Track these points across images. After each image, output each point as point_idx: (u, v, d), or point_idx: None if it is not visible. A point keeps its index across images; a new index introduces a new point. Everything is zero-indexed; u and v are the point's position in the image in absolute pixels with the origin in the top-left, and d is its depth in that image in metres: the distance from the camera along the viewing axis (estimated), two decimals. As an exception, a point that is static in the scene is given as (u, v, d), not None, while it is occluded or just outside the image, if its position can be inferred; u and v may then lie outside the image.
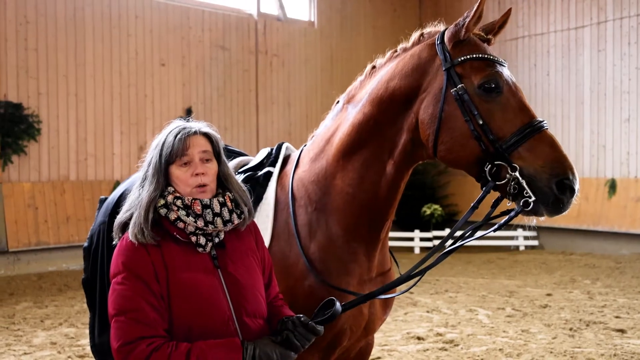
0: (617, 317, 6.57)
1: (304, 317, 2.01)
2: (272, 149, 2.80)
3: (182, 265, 1.95)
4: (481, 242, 11.89)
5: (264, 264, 2.16)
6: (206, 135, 2.06)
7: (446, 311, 7.00)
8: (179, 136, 2.00)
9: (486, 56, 2.21)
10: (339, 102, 2.60)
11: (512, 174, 2.08)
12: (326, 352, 2.44)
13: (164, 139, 2.02)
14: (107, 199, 2.79)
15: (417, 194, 12.91)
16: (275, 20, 12.71)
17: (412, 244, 12.18)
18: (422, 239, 12.27)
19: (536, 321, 6.48)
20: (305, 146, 2.68)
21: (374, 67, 2.51)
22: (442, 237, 2.45)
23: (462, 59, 2.20)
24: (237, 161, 2.83)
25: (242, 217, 2.07)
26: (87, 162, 10.33)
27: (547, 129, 2.14)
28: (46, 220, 9.70)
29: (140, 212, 1.96)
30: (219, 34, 11.85)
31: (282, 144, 2.80)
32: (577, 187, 2.07)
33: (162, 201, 1.98)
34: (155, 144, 2.05)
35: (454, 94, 2.18)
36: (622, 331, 5.99)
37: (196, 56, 11.56)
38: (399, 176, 2.38)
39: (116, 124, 10.65)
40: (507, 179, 2.10)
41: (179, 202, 1.97)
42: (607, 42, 11.74)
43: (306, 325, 1.97)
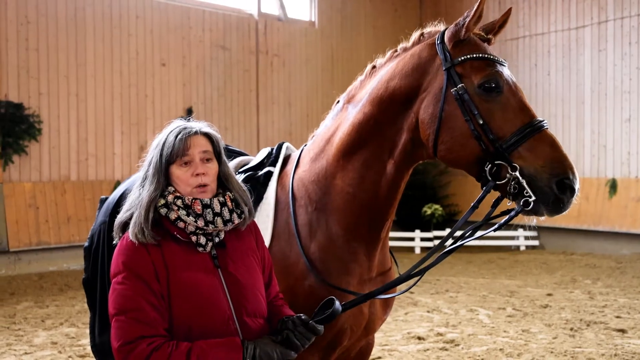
0: (617, 317, 6.57)
1: (304, 317, 2.01)
2: (272, 149, 2.80)
3: (182, 264, 1.95)
4: (482, 242, 11.89)
5: (264, 264, 2.16)
6: (207, 135, 2.06)
7: (447, 311, 7.00)
8: (179, 136, 2.00)
9: (486, 56, 2.21)
10: (339, 101, 2.60)
11: (513, 173, 2.08)
12: (326, 352, 2.44)
13: (165, 139, 2.02)
14: (107, 198, 2.80)
15: (417, 194, 12.91)
16: (275, 20, 12.71)
17: (412, 244, 12.18)
18: (422, 239, 12.26)
19: (537, 321, 6.48)
20: (305, 146, 2.68)
21: (374, 66, 2.51)
22: (443, 237, 2.45)
23: (462, 58, 2.20)
24: (237, 161, 2.83)
25: (243, 216, 2.07)
26: (87, 162, 10.34)
27: (548, 129, 2.14)
28: (47, 220, 9.70)
29: (140, 211, 1.96)
30: (219, 34, 11.85)
31: (283, 143, 2.80)
32: (577, 187, 2.07)
33: (163, 201, 1.98)
34: (155, 144, 2.05)
35: (454, 93, 2.18)
36: (622, 331, 5.99)
37: (197, 56, 11.57)
38: (399, 176, 2.38)
39: (117, 124, 10.66)
40: (507, 179, 2.10)
41: (179, 202, 1.97)
42: (608, 42, 11.73)
43: (306, 324, 1.98)
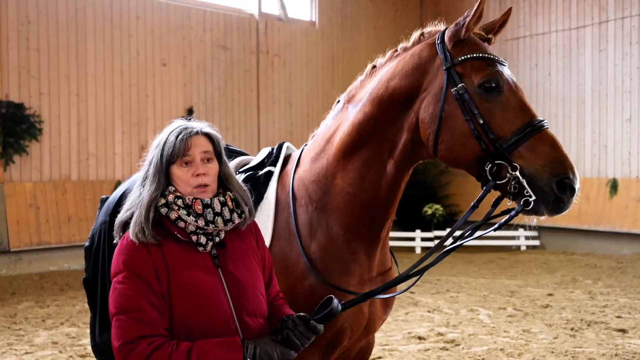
0: (618, 317, 6.56)
1: (304, 315, 2.01)
2: (272, 149, 2.80)
3: (182, 264, 1.96)
4: (482, 242, 11.89)
5: (264, 263, 2.17)
6: (207, 135, 2.06)
7: (447, 311, 7.00)
8: (180, 136, 1.99)
9: (486, 55, 2.21)
10: (339, 101, 2.60)
11: (513, 173, 2.07)
12: (326, 351, 2.44)
13: (165, 139, 2.01)
14: (108, 198, 2.80)
15: (418, 194, 12.92)
16: (276, 20, 12.72)
17: (413, 243, 12.19)
18: (423, 239, 12.27)
19: (537, 321, 6.48)
20: (306, 146, 2.68)
21: (374, 66, 2.50)
22: (443, 237, 2.45)
23: (462, 58, 2.20)
24: (237, 161, 2.83)
25: (243, 216, 2.07)
26: (88, 161, 10.35)
27: (548, 129, 2.14)
28: (48, 220, 9.71)
29: (141, 211, 1.96)
30: (220, 34, 11.86)
31: (283, 143, 2.80)
32: (577, 187, 2.07)
33: (163, 200, 1.98)
34: (156, 144, 2.04)
35: (454, 93, 2.18)
36: (623, 331, 5.99)
37: (197, 56, 11.57)
38: (399, 176, 2.38)
39: (117, 124, 10.66)
40: (507, 178, 2.09)
41: (179, 202, 1.97)
42: (609, 42, 11.73)
43: (306, 323, 1.98)
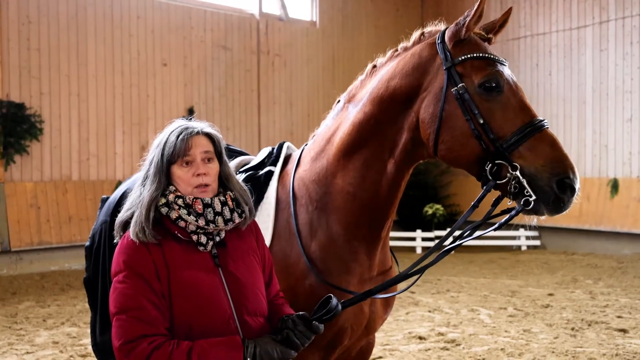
0: (619, 317, 6.56)
1: (304, 314, 2.01)
2: (273, 149, 2.80)
3: (183, 264, 1.96)
4: (483, 242, 11.89)
5: (265, 263, 2.17)
6: (208, 135, 2.06)
7: (448, 311, 7.00)
8: (181, 136, 2.00)
9: (487, 55, 2.21)
10: (339, 101, 2.60)
11: (513, 173, 2.07)
12: (327, 351, 2.44)
13: (166, 139, 2.02)
14: (108, 198, 2.80)
15: (418, 194, 12.92)
16: (277, 20, 12.72)
17: (413, 243, 12.18)
18: (423, 239, 12.26)
19: (538, 321, 6.47)
20: (306, 145, 2.68)
21: (374, 66, 2.51)
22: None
23: (462, 58, 2.20)
24: (238, 160, 2.84)
25: (243, 216, 2.07)
26: (89, 161, 10.35)
27: (548, 128, 2.14)
28: (48, 219, 9.72)
29: (141, 211, 1.96)
30: (220, 34, 11.86)
31: (283, 143, 2.80)
32: (577, 186, 2.07)
33: (164, 200, 1.99)
34: (157, 143, 2.05)
35: (454, 93, 2.18)
36: (624, 331, 5.99)
37: (198, 56, 11.58)
38: (399, 175, 2.38)
39: (118, 124, 10.67)
40: (507, 178, 2.09)
41: (180, 201, 1.97)
42: (610, 42, 11.72)
43: (306, 323, 1.98)
